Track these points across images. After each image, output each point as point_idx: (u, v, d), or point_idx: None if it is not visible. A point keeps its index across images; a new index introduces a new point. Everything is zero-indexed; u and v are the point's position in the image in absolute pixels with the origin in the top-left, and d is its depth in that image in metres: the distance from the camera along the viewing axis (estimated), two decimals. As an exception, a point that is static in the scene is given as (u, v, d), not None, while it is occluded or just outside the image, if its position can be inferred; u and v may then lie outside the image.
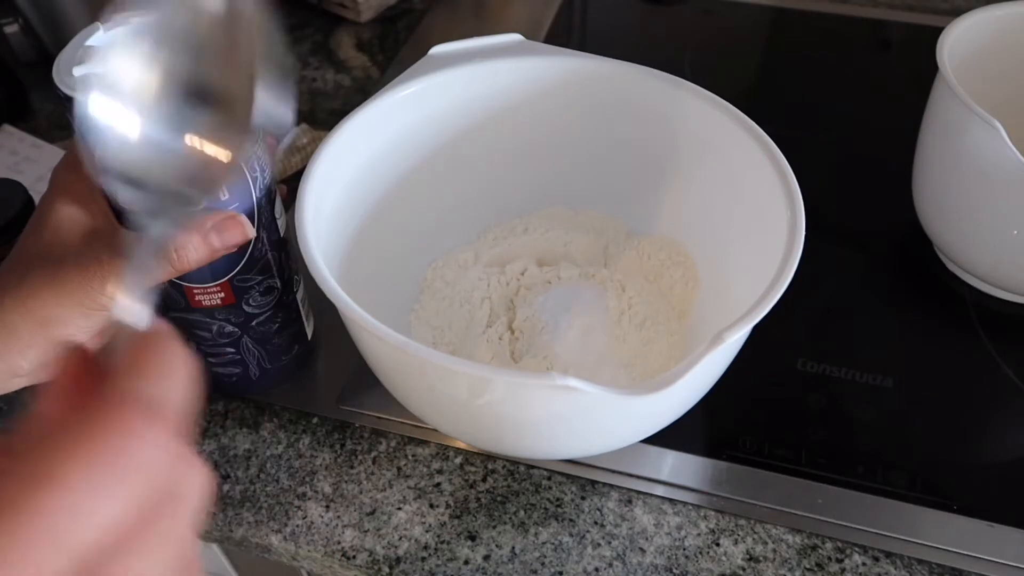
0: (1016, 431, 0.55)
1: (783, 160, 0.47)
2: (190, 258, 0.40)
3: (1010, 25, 0.61)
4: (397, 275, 0.57)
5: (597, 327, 0.54)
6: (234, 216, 0.41)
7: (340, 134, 0.50)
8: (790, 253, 0.43)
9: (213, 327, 0.49)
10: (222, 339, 0.50)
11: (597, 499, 0.51)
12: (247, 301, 0.49)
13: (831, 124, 0.77)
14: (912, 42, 0.87)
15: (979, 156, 0.54)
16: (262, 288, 0.49)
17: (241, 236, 0.41)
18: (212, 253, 0.40)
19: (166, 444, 0.22)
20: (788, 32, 0.90)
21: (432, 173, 0.57)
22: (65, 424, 0.21)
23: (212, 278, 0.46)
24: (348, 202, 0.51)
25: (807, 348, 0.59)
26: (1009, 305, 0.61)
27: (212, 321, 0.49)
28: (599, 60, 0.55)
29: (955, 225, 0.60)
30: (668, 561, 0.49)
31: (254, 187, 0.45)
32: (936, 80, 0.58)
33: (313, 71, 0.84)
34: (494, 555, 0.49)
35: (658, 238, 0.59)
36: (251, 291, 0.48)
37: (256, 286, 0.48)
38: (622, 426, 0.46)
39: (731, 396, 0.50)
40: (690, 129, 0.54)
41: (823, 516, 0.50)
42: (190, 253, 0.40)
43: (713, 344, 0.38)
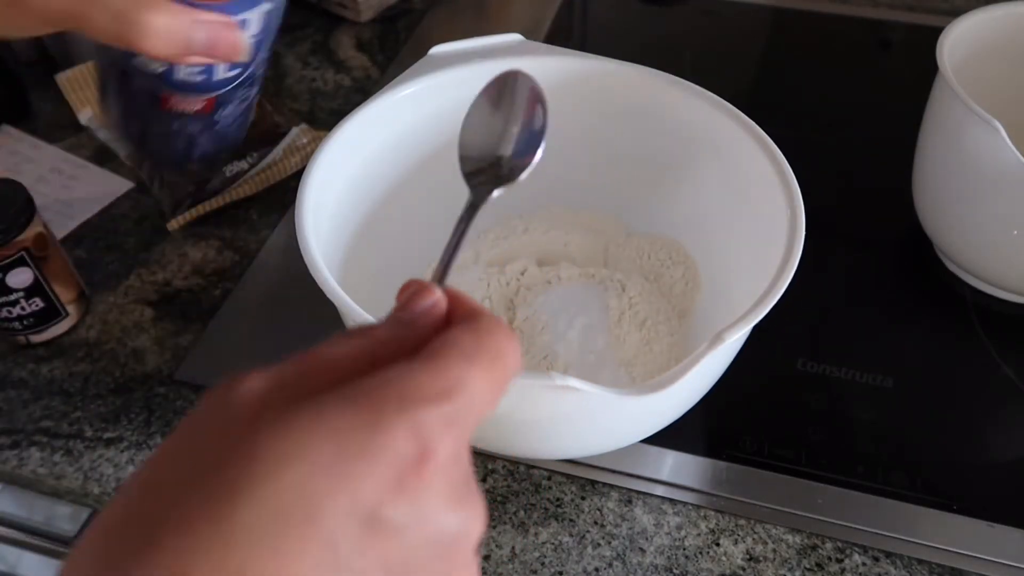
0: (1016, 431, 0.55)
1: (783, 160, 0.47)
2: (164, 40, 0.34)
3: (1010, 25, 0.61)
4: (397, 275, 0.56)
5: (597, 327, 0.54)
6: (232, 26, 0.36)
7: (340, 134, 0.50)
8: (790, 253, 0.43)
9: (173, 124, 0.44)
10: (178, 138, 0.45)
11: (597, 499, 0.51)
12: (221, 111, 0.44)
13: (831, 124, 0.77)
14: (912, 42, 0.87)
15: (979, 156, 0.54)
16: (239, 100, 0.44)
17: (228, 52, 0.37)
18: (187, 46, 0.35)
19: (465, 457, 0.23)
20: (788, 32, 0.90)
21: (432, 173, 0.57)
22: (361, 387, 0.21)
23: (201, 92, 0.41)
24: (348, 202, 0.51)
25: (807, 348, 0.59)
26: (1009, 305, 0.61)
27: (173, 120, 0.43)
28: (599, 60, 0.55)
29: (955, 225, 0.60)
30: (668, 561, 0.49)
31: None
32: (936, 80, 0.58)
33: (313, 71, 0.84)
34: (494, 555, 0.49)
35: (658, 238, 0.59)
36: (229, 104, 0.44)
37: (236, 100, 0.44)
38: (622, 426, 0.46)
39: (731, 396, 0.50)
40: (690, 129, 0.54)
41: (823, 516, 0.50)
42: (163, 36, 0.34)
43: (713, 344, 0.38)
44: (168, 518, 0.20)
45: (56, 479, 0.54)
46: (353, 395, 0.21)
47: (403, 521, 0.21)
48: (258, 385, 0.22)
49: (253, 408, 0.21)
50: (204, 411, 0.22)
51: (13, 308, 0.57)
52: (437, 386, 0.22)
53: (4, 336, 0.60)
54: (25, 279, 0.57)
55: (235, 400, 0.21)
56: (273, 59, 0.86)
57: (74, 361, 0.60)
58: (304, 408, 0.21)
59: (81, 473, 0.54)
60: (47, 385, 0.59)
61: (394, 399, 0.21)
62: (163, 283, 0.65)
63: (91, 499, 0.54)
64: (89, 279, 0.65)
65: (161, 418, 0.56)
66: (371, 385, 0.21)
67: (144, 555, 0.19)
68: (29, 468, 0.54)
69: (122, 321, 0.62)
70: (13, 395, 0.58)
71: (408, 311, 0.25)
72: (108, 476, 0.53)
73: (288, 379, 0.22)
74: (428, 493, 0.21)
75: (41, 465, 0.54)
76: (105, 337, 0.61)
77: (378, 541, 0.21)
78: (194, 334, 0.61)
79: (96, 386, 0.58)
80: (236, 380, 0.22)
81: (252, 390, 0.21)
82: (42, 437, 0.56)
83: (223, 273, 0.65)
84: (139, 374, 0.59)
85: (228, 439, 0.20)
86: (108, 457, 0.54)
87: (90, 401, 0.57)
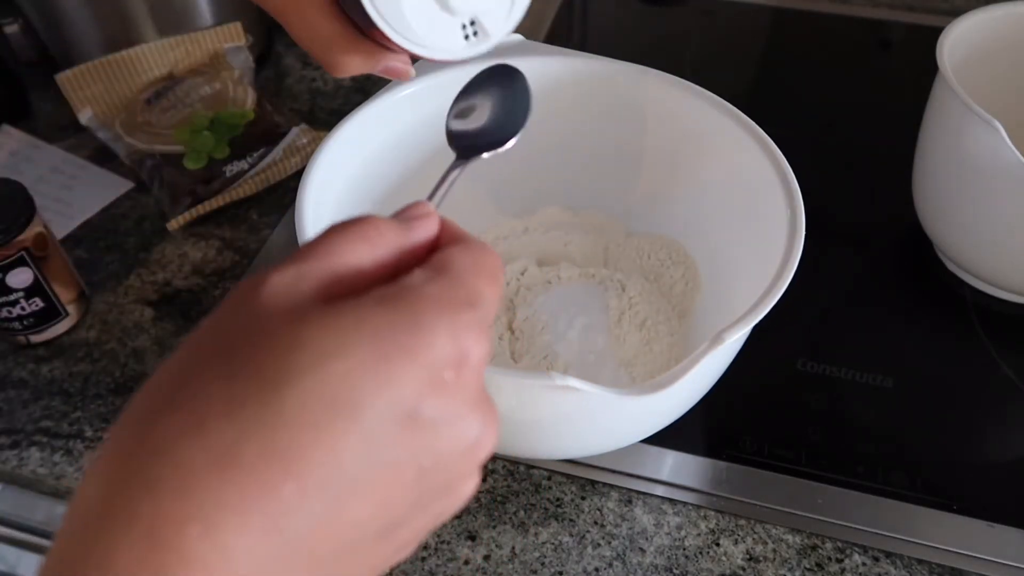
0: (1016, 431, 0.55)
1: (783, 160, 0.47)
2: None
3: (1010, 25, 0.61)
4: (397, 275, 0.57)
5: (597, 327, 0.54)
6: (406, 60, 0.39)
7: (340, 134, 0.50)
8: (790, 253, 0.43)
9: None
10: None
11: (597, 499, 0.51)
12: None
13: (831, 124, 0.77)
14: (912, 42, 0.87)
15: (979, 156, 0.54)
16: None
17: (398, 77, 0.40)
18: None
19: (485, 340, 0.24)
20: (788, 32, 0.90)
21: (432, 173, 0.57)
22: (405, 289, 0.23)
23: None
24: (348, 202, 0.51)
25: (807, 348, 0.59)
26: (1009, 305, 0.61)
27: None
28: (599, 60, 0.55)
29: (955, 225, 0.60)
30: (668, 561, 0.49)
31: None
32: (936, 80, 0.58)
33: (313, 71, 0.84)
34: (494, 555, 0.49)
35: (658, 238, 0.59)
36: None
37: None
38: (622, 426, 0.46)
39: (731, 396, 0.50)
40: (690, 129, 0.54)
41: (823, 516, 0.50)
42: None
43: (713, 344, 0.38)
44: (211, 403, 0.21)
45: (56, 479, 0.54)
46: (390, 297, 0.23)
47: (437, 418, 0.23)
48: (287, 282, 0.23)
49: (287, 303, 0.22)
50: (233, 305, 0.23)
51: (13, 308, 0.57)
52: (463, 294, 0.24)
53: (4, 336, 0.60)
54: (25, 279, 0.57)
55: (267, 296, 0.22)
56: (273, 59, 0.86)
57: (74, 361, 0.60)
58: (345, 307, 0.22)
59: (81, 473, 0.54)
60: (47, 385, 0.59)
61: (431, 302, 0.23)
62: (163, 283, 0.65)
63: (91, 499, 0.54)
64: (89, 279, 0.65)
65: (161, 418, 0.56)
66: (404, 289, 0.23)
67: (189, 437, 0.20)
68: (29, 468, 0.54)
69: (122, 321, 0.62)
70: (13, 395, 0.58)
71: (407, 215, 0.27)
72: (108, 476, 0.53)
73: (315, 277, 0.23)
74: (461, 394, 0.23)
75: (41, 465, 0.54)
76: (105, 337, 0.61)
77: (412, 435, 0.22)
78: (194, 334, 0.61)
79: (96, 386, 0.58)
80: (262, 278, 0.23)
81: (282, 286, 0.23)
82: (42, 437, 0.56)
83: (223, 273, 0.65)
84: (139, 374, 0.59)
85: (266, 332, 0.22)
86: (108, 457, 0.54)
87: (90, 401, 0.57)
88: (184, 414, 0.21)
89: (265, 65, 0.85)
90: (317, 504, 0.21)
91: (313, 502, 0.21)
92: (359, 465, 0.21)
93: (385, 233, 0.25)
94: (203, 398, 0.21)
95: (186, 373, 0.22)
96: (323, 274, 0.23)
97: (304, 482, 0.20)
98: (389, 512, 0.23)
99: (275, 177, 0.71)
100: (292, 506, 0.20)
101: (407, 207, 0.27)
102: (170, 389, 0.22)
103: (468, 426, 0.24)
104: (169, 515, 0.20)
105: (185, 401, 0.21)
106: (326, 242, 0.24)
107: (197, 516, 0.20)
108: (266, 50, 0.86)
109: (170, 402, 0.21)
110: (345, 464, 0.21)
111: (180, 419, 0.21)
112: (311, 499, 0.21)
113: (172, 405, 0.21)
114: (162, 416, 0.21)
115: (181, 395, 0.21)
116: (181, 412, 0.21)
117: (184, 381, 0.22)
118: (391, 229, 0.25)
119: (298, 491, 0.20)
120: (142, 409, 0.22)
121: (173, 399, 0.21)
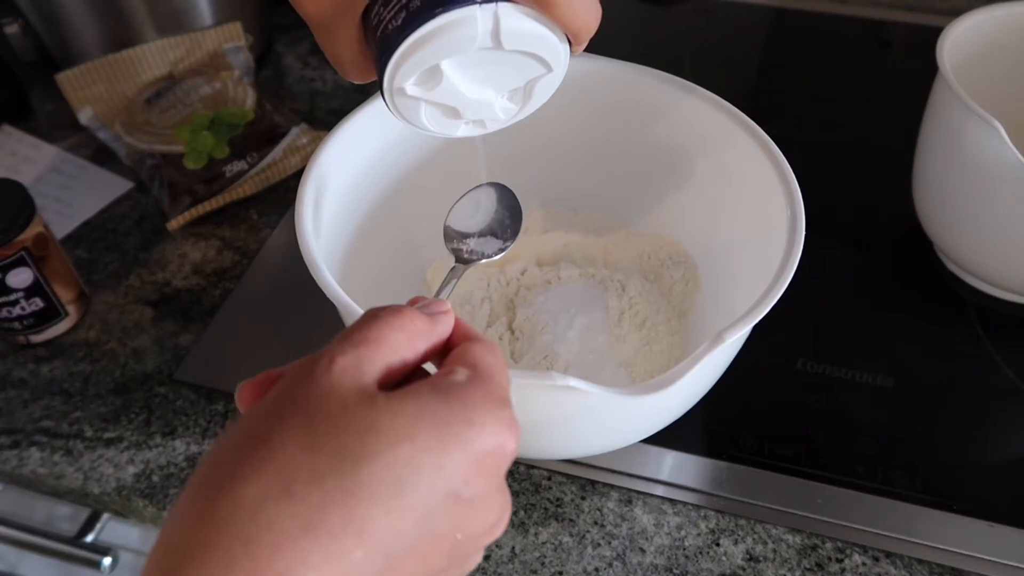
0: (1016, 431, 0.55)
1: (783, 160, 0.47)
2: None
3: (1010, 25, 0.61)
4: (397, 276, 0.57)
5: (597, 327, 0.54)
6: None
7: (340, 134, 0.50)
8: (790, 253, 0.43)
9: None
10: None
11: (597, 499, 0.51)
12: None
13: (831, 124, 0.77)
14: (912, 42, 0.87)
15: (979, 156, 0.54)
16: None
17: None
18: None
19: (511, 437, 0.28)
20: (788, 32, 0.90)
21: (431, 173, 0.57)
22: (434, 388, 0.27)
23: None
24: (348, 202, 0.51)
25: (807, 348, 0.59)
26: (1009, 305, 0.61)
27: None
28: (599, 60, 0.55)
29: (955, 225, 0.60)
30: (668, 561, 0.49)
31: None
32: (936, 80, 0.58)
33: (313, 71, 0.84)
34: (494, 555, 0.49)
35: (658, 238, 0.59)
36: None
37: None
38: (622, 426, 0.46)
39: (731, 396, 0.50)
40: (690, 129, 0.53)
41: (823, 516, 0.50)
42: None
43: (713, 344, 0.38)
44: (296, 472, 0.24)
45: (56, 479, 0.54)
46: (442, 391, 0.27)
47: (474, 498, 0.27)
48: (350, 364, 0.27)
49: (354, 385, 0.26)
50: (303, 379, 0.26)
51: (13, 308, 0.57)
52: (501, 393, 0.28)
53: (4, 336, 0.60)
54: (25, 279, 0.57)
55: (337, 375, 0.26)
56: (273, 59, 0.86)
57: (74, 361, 0.60)
58: (407, 397, 0.26)
59: (81, 473, 0.54)
60: (47, 385, 0.59)
61: (479, 400, 0.27)
62: (163, 283, 0.65)
63: (91, 499, 0.54)
64: (89, 279, 0.65)
65: (161, 418, 0.56)
66: (454, 385, 0.27)
67: (277, 501, 0.24)
68: (29, 468, 0.54)
69: (122, 321, 0.62)
70: (13, 395, 0.58)
71: (431, 310, 0.31)
72: (108, 476, 0.53)
73: (373, 365, 0.27)
74: (494, 479, 0.27)
75: (41, 465, 0.54)
76: (105, 337, 0.61)
77: (456, 511, 0.26)
78: (194, 334, 0.61)
79: (96, 386, 0.58)
80: (328, 357, 0.27)
81: (349, 367, 0.26)
82: (42, 437, 0.56)
83: (223, 273, 0.65)
84: (139, 374, 0.59)
85: (344, 413, 0.25)
86: (108, 457, 0.54)
87: (90, 401, 0.57)
88: (271, 477, 0.24)
89: (265, 65, 0.85)
90: (378, 567, 0.24)
91: (375, 565, 0.24)
92: (414, 535, 0.25)
93: (420, 326, 0.29)
94: (287, 464, 0.24)
95: (265, 436, 0.25)
96: (379, 363, 0.27)
97: (372, 549, 0.24)
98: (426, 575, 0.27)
99: (275, 177, 0.71)
100: (360, 569, 0.24)
101: (428, 303, 0.31)
102: (251, 449, 0.25)
103: (494, 508, 0.28)
104: (264, 569, 0.23)
105: (269, 464, 0.24)
106: (374, 330, 0.28)
107: (286, 572, 0.23)
108: (266, 50, 0.86)
109: (255, 465, 0.24)
110: (404, 534, 0.25)
111: (267, 482, 0.24)
112: (374, 563, 0.24)
113: (257, 469, 0.24)
114: (248, 478, 0.24)
115: (264, 459, 0.25)
116: (267, 475, 0.24)
117: (265, 444, 0.25)
118: (423, 322, 0.29)
119: (366, 557, 0.24)
120: (226, 464, 0.25)
121: (257, 462, 0.25)
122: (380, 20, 0.33)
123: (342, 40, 0.34)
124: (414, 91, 0.35)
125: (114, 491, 0.53)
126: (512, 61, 0.34)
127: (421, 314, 0.30)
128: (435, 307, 0.31)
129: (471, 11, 0.31)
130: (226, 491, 0.24)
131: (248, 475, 0.24)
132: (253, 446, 0.25)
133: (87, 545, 0.57)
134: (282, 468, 0.24)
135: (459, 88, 0.35)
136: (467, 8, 0.31)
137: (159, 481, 0.53)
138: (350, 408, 0.25)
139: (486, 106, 0.37)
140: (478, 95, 0.36)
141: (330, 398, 0.26)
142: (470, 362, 0.29)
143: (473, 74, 0.35)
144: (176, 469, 0.53)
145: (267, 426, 0.25)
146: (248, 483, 0.24)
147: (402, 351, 0.28)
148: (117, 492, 0.53)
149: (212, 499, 0.24)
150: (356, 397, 0.26)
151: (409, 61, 0.33)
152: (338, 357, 0.26)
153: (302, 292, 0.58)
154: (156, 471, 0.53)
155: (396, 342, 0.28)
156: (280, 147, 0.71)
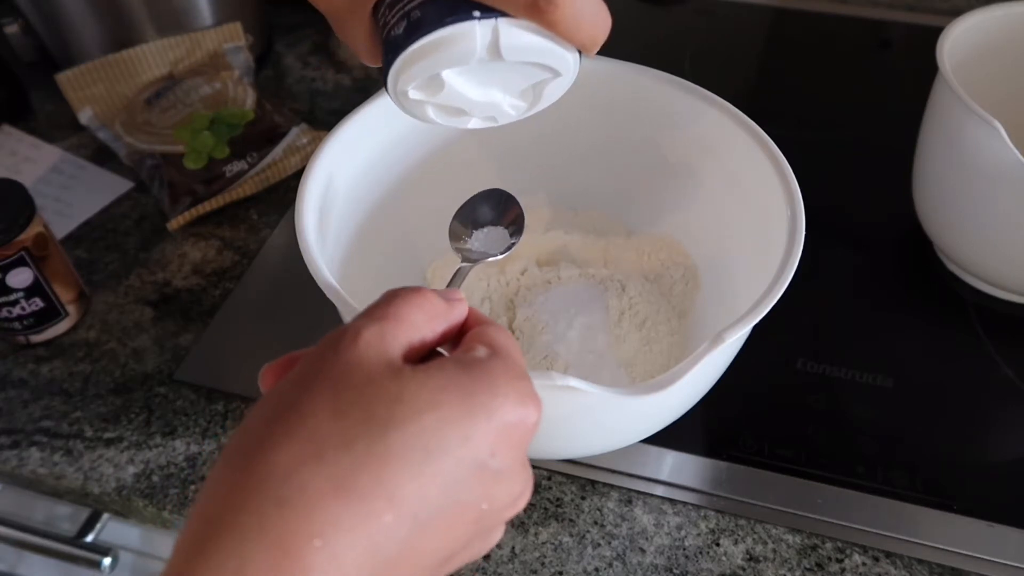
0: (1016, 431, 0.55)
1: (783, 160, 0.47)
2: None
3: (1010, 25, 0.61)
4: (397, 276, 0.57)
5: (597, 327, 0.54)
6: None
7: (340, 134, 0.50)
8: (790, 253, 0.43)
9: None
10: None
11: (597, 499, 0.51)
12: None
13: (831, 124, 0.77)
14: (912, 42, 0.87)
15: (979, 156, 0.54)
16: None
17: None
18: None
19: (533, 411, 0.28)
20: (788, 32, 0.90)
21: (431, 173, 0.57)
22: (458, 363, 0.28)
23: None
24: (348, 202, 0.51)
25: (807, 348, 0.58)
26: (1009, 305, 0.61)
27: None
28: (599, 60, 0.55)
29: (955, 225, 0.60)
30: (668, 561, 0.49)
31: None
32: (936, 80, 0.58)
33: (313, 71, 0.84)
34: (494, 555, 0.49)
35: (658, 238, 0.59)
36: None
37: None
38: (622, 426, 0.46)
39: (731, 396, 0.50)
40: (690, 129, 0.53)
41: (823, 516, 0.50)
42: None
43: (713, 344, 0.38)
44: (328, 436, 0.25)
45: (56, 479, 0.54)
46: (466, 365, 0.28)
47: (500, 469, 0.27)
48: (375, 338, 0.27)
49: (380, 357, 0.27)
50: (331, 350, 0.27)
51: (13, 308, 0.57)
52: (520, 368, 0.29)
53: (4, 336, 0.60)
54: (25, 279, 0.57)
55: (363, 347, 0.27)
56: (273, 59, 0.86)
57: (74, 361, 0.60)
58: (432, 370, 0.27)
59: (81, 473, 0.54)
60: (47, 385, 0.59)
61: (501, 372, 0.28)
62: (163, 283, 0.65)
63: (91, 499, 0.54)
64: (89, 279, 0.65)
65: (161, 418, 0.56)
66: (477, 360, 0.28)
67: (311, 465, 0.24)
68: (29, 468, 0.54)
69: (122, 321, 0.62)
70: (13, 395, 0.58)
71: (448, 296, 0.31)
72: (108, 476, 0.53)
73: (397, 339, 0.28)
74: (518, 451, 0.28)
75: (41, 465, 0.54)
76: (105, 337, 0.61)
77: (481, 481, 0.27)
78: (194, 334, 0.61)
79: (96, 386, 0.58)
80: (355, 330, 0.27)
81: (374, 340, 0.27)
82: (42, 437, 0.56)
83: (223, 273, 0.65)
84: (139, 374, 0.59)
85: (371, 382, 0.26)
86: (108, 457, 0.54)
87: (90, 401, 0.57)
88: (303, 442, 0.25)
89: (265, 65, 0.85)
90: (405, 531, 0.25)
91: (403, 530, 0.25)
92: (440, 502, 0.26)
93: (438, 307, 0.30)
94: (318, 429, 0.25)
95: (295, 405, 0.26)
96: (402, 338, 0.28)
97: (401, 512, 0.25)
98: (450, 545, 0.27)
99: (275, 177, 0.71)
100: (389, 532, 0.25)
101: (443, 291, 0.32)
102: (282, 418, 0.25)
103: (518, 480, 0.28)
104: (298, 530, 0.23)
105: (300, 430, 0.25)
106: (396, 307, 0.28)
107: (319, 533, 0.23)
108: (266, 50, 0.86)
109: (286, 432, 0.25)
110: (431, 500, 0.25)
111: (299, 447, 0.25)
112: (402, 527, 0.25)
113: (289, 435, 0.25)
114: (280, 444, 0.25)
115: (295, 425, 0.25)
116: (299, 441, 0.25)
117: (295, 412, 0.25)
118: (442, 304, 0.30)
119: (396, 520, 0.25)
120: (256, 434, 0.26)
121: (288, 428, 0.25)
122: (386, 23, 0.33)
123: (354, 32, 0.35)
124: (417, 95, 0.35)
125: (114, 491, 0.53)
126: (517, 68, 0.34)
127: (439, 295, 0.30)
128: (450, 294, 0.32)
129: (470, 26, 0.31)
130: (259, 458, 0.25)
131: (280, 441, 0.25)
132: (283, 415, 0.26)
133: (87, 545, 0.57)
134: (313, 433, 0.25)
135: (463, 93, 0.35)
136: (466, 23, 0.31)
137: (159, 481, 0.53)
138: (376, 379, 0.26)
139: (494, 106, 0.37)
140: (484, 97, 0.36)
141: (357, 369, 0.26)
142: (487, 341, 0.29)
143: (478, 79, 0.35)
144: (176, 469, 0.53)
145: (295, 396, 0.26)
146: (280, 449, 0.25)
147: (422, 329, 0.29)
148: (117, 492, 0.53)
149: (244, 468, 0.25)
150: (383, 368, 0.26)
151: (409, 70, 0.33)
152: (363, 331, 0.27)
153: (302, 292, 0.58)
154: (156, 471, 0.53)
155: (416, 319, 0.29)
156: (280, 147, 0.71)
